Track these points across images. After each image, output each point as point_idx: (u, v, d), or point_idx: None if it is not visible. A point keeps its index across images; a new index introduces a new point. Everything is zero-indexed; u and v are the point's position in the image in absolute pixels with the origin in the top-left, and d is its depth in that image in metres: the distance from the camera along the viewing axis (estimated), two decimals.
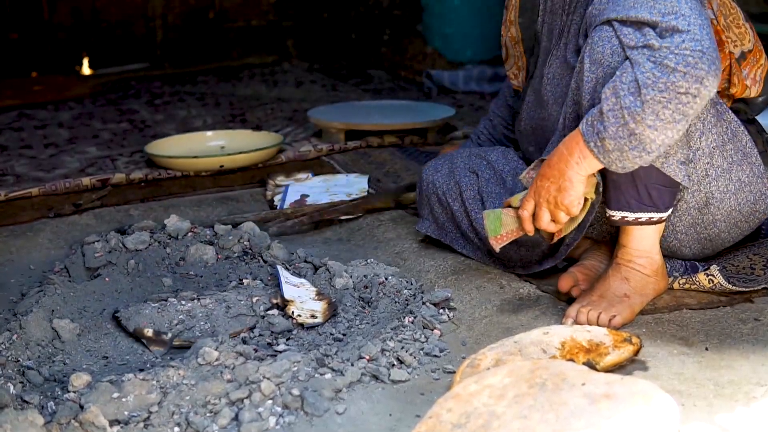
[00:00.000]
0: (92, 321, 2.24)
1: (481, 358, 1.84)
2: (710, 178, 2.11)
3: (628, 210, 2.06)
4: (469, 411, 1.57)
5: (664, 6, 1.88)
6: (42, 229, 2.95)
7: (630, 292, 2.10)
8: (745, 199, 2.15)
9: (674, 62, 1.82)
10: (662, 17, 1.87)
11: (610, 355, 1.86)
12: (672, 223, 2.15)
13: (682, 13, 1.86)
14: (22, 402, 1.83)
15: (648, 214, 2.06)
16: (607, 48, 1.96)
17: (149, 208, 3.15)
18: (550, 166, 2.01)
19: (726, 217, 2.16)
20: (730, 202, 2.14)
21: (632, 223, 2.07)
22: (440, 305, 2.25)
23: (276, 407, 1.78)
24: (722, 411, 1.69)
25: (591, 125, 1.92)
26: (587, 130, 1.93)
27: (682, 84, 1.83)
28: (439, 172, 2.56)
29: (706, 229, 2.17)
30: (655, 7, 1.89)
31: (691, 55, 1.82)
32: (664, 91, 1.83)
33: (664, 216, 2.08)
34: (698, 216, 2.14)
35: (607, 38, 1.97)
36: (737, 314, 2.11)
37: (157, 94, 5.42)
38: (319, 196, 3.18)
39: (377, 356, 1.96)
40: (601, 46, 1.97)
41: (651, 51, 1.85)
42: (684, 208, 2.14)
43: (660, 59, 1.84)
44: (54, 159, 3.94)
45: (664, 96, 1.84)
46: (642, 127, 1.86)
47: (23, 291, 2.47)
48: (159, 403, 1.79)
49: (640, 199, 2.04)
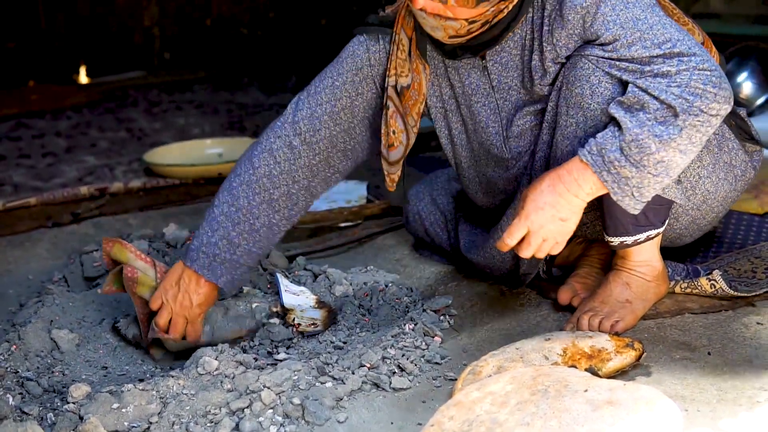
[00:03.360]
0: (91, 331, 2.24)
1: (483, 365, 1.83)
2: (703, 178, 2.10)
3: (626, 234, 2.03)
4: (472, 418, 1.57)
5: (655, 36, 1.84)
6: (40, 238, 2.94)
7: (631, 297, 2.09)
8: (734, 176, 2.17)
9: (702, 84, 1.79)
10: (659, 48, 1.84)
11: (613, 361, 1.85)
12: (670, 224, 2.15)
13: (677, 38, 1.84)
14: (21, 413, 1.83)
15: (646, 233, 2.04)
16: (586, 89, 1.92)
17: (148, 217, 3.15)
18: (553, 193, 1.90)
19: (722, 201, 2.17)
20: (723, 188, 2.15)
21: (632, 245, 2.06)
22: (441, 312, 2.24)
23: (277, 416, 1.77)
24: (726, 416, 1.68)
25: (599, 154, 1.85)
26: (596, 161, 1.85)
27: (714, 106, 1.81)
28: (422, 201, 2.56)
29: (704, 219, 2.18)
30: (647, 39, 1.84)
31: (713, 75, 1.80)
32: (699, 114, 1.81)
33: (661, 230, 2.07)
34: (696, 213, 2.15)
35: (585, 77, 1.92)
36: (740, 318, 2.10)
37: (155, 102, 5.42)
38: (318, 204, 3.18)
39: (378, 364, 1.95)
40: (580, 88, 1.93)
41: (669, 78, 1.81)
42: (681, 212, 2.14)
43: (685, 84, 1.80)
44: (52, 168, 3.94)
45: (699, 120, 1.81)
46: (672, 153, 1.83)
47: (22, 301, 2.46)
48: (159, 414, 1.78)
49: (637, 222, 2.02)
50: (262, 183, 2.17)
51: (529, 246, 1.93)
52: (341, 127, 2.20)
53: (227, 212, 2.16)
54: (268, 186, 2.18)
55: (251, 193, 2.17)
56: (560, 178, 1.89)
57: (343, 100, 2.18)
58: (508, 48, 2.05)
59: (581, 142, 1.93)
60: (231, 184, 2.19)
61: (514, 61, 2.06)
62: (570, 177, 1.88)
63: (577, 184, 1.88)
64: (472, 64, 2.10)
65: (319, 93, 2.19)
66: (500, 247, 1.96)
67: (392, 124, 2.16)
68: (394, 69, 2.12)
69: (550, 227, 1.91)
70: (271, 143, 2.19)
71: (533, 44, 2.02)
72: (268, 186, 2.18)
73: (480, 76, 2.10)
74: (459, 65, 2.11)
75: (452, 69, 2.13)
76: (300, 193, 2.21)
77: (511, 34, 2.02)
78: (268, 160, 2.18)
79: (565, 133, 1.97)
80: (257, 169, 2.17)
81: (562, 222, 1.91)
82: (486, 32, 1.98)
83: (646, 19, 1.86)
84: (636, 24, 1.86)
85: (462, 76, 2.13)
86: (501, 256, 2.24)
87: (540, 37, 1.99)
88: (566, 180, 1.88)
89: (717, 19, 4.64)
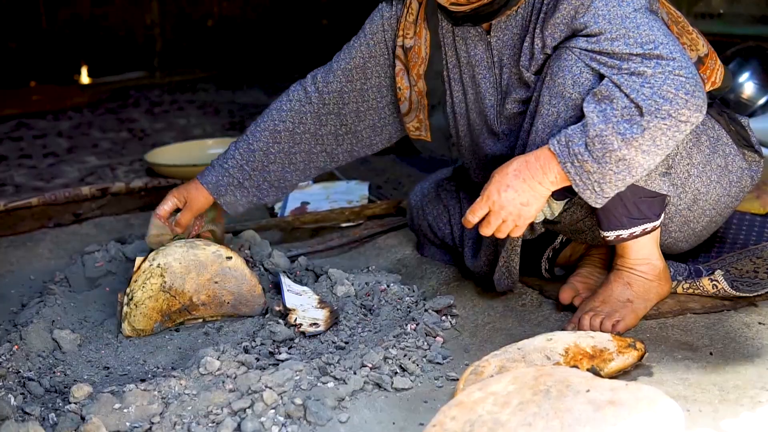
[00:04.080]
0: (93, 331, 2.24)
1: (485, 365, 1.83)
2: (693, 176, 2.12)
3: (621, 228, 2.05)
4: (473, 419, 1.56)
5: (639, 36, 1.87)
6: (42, 239, 2.94)
7: (633, 297, 2.09)
8: (728, 181, 2.18)
9: (674, 89, 1.81)
10: (641, 47, 1.85)
11: (615, 361, 1.85)
12: (664, 225, 2.15)
13: (660, 41, 1.86)
14: (23, 414, 1.82)
15: (641, 226, 2.05)
16: (568, 79, 1.95)
17: (149, 217, 3.14)
18: (517, 176, 1.95)
19: (715, 204, 2.18)
20: (716, 191, 2.16)
21: (628, 239, 2.06)
22: (442, 312, 2.24)
23: (278, 417, 1.77)
24: (727, 416, 1.68)
25: (566, 146, 1.89)
26: (562, 151, 1.90)
27: (684, 112, 1.82)
28: (425, 196, 2.58)
29: (698, 222, 2.19)
30: (631, 38, 1.87)
31: (688, 82, 1.82)
32: (667, 118, 1.82)
33: (657, 224, 2.07)
34: (689, 213, 2.15)
35: (567, 68, 1.95)
36: (741, 318, 2.10)
37: (157, 102, 5.42)
38: (320, 204, 3.18)
39: (380, 364, 1.95)
40: (562, 78, 1.96)
41: (643, 78, 1.83)
42: (674, 211, 2.14)
43: (657, 86, 1.82)
44: (53, 168, 3.94)
45: (665, 123, 1.83)
46: (634, 152, 1.85)
47: (23, 301, 2.46)
48: (161, 414, 1.78)
49: (631, 215, 2.03)
50: (270, 114, 2.40)
51: (489, 225, 2.00)
52: (353, 85, 2.38)
53: (238, 138, 2.44)
54: (274, 116, 2.40)
55: (259, 119, 2.42)
56: (527, 163, 1.95)
57: (356, 59, 2.36)
58: (511, 26, 2.12)
59: (556, 132, 1.97)
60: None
61: (513, 40, 2.13)
62: (536, 164, 1.94)
63: (542, 171, 1.93)
64: (479, 37, 2.18)
65: (339, 53, 2.40)
66: (464, 224, 2.04)
67: (399, 81, 2.33)
68: (402, 30, 2.29)
69: (510, 209, 1.97)
70: (290, 88, 2.43)
71: (530, 26, 2.08)
72: (274, 116, 2.40)
73: (485, 49, 2.18)
74: (467, 36, 2.20)
75: (460, 39, 2.22)
76: (305, 136, 2.39)
77: (512, 12, 2.09)
78: (281, 98, 2.42)
79: (546, 121, 2.00)
80: (271, 105, 2.43)
81: (523, 206, 1.96)
82: (486, 5, 2.06)
83: (634, 19, 1.89)
84: (624, 21, 1.89)
85: (469, 47, 2.21)
86: (475, 260, 2.32)
87: (536, 21, 2.05)
88: (532, 166, 1.94)
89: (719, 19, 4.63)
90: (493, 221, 1.99)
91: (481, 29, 2.16)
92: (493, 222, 1.99)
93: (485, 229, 2.01)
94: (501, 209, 1.97)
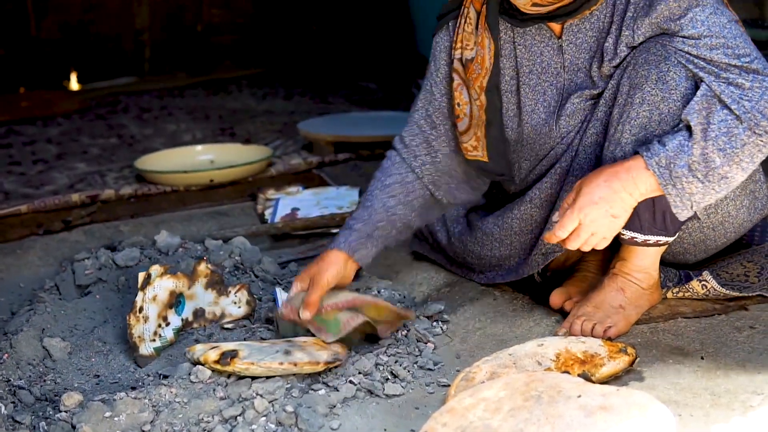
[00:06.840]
0: (83, 339, 2.23)
1: (476, 371, 1.83)
2: (728, 199, 2.08)
3: (639, 231, 2.02)
4: (465, 425, 1.56)
5: (737, 47, 1.87)
6: (31, 246, 2.93)
7: (625, 303, 2.09)
8: (754, 207, 2.14)
9: None
10: (739, 59, 1.86)
11: (606, 366, 1.85)
12: (681, 237, 2.12)
13: (755, 55, 1.87)
14: (13, 422, 1.82)
15: (656, 237, 2.03)
16: (653, 74, 1.93)
17: (139, 224, 3.14)
18: (609, 188, 1.90)
19: (737, 228, 2.15)
20: (743, 215, 2.13)
21: (640, 244, 2.05)
22: (433, 318, 2.24)
23: (270, 424, 1.76)
24: (719, 421, 1.69)
25: (667, 168, 1.87)
26: (662, 174, 1.87)
27: None
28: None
29: (715, 242, 2.16)
30: (729, 48, 1.87)
31: None
32: (762, 135, 1.83)
33: (670, 240, 2.05)
34: (711, 233, 2.13)
35: (654, 62, 1.94)
36: (732, 322, 2.10)
37: (146, 108, 5.41)
38: (310, 210, 3.18)
39: (371, 371, 1.95)
40: (647, 71, 1.94)
41: (742, 90, 1.84)
42: (697, 227, 2.11)
43: (756, 100, 1.82)
44: (43, 175, 3.93)
45: (762, 140, 1.84)
46: (735, 169, 1.85)
47: (13, 309, 2.45)
48: (152, 422, 1.78)
49: (654, 223, 2.00)
50: (373, 193, 2.30)
51: (578, 238, 1.94)
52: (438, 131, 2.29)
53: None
54: (380, 195, 2.28)
55: (372, 181, 2.35)
56: (617, 175, 1.91)
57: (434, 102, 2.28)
58: (584, 29, 2.08)
59: (642, 137, 1.95)
60: None
61: (589, 43, 2.09)
62: (628, 176, 1.90)
63: (634, 183, 1.90)
64: (546, 42, 2.12)
65: (414, 105, 2.34)
66: (548, 239, 1.98)
67: (457, 96, 2.22)
68: (460, 42, 2.19)
69: (602, 222, 1.92)
70: (384, 163, 2.38)
71: (611, 27, 2.04)
72: (380, 195, 2.28)
73: (553, 54, 2.13)
74: (532, 43, 2.14)
75: (521, 47, 2.16)
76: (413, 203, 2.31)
77: (589, 13, 2.05)
78: (379, 174, 2.35)
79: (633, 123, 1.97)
80: (372, 183, 2.35)
81: (613, 218, 1.92)
82: (567, 5, 2.02)
83: (731, 30, 1.89)
84: (722, 31, 1.89)
85: (533, 54, 2.15)
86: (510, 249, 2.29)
87: (620, 21, 2.02)
88: (623, 178, 1.90)
89: None
90: (583, 235, 1.93)
91: (551, 33, 2.11)
92: (582, 236, 1.93)
93: (573, 242, 1.94)
94: (592, 222, 1.91)
